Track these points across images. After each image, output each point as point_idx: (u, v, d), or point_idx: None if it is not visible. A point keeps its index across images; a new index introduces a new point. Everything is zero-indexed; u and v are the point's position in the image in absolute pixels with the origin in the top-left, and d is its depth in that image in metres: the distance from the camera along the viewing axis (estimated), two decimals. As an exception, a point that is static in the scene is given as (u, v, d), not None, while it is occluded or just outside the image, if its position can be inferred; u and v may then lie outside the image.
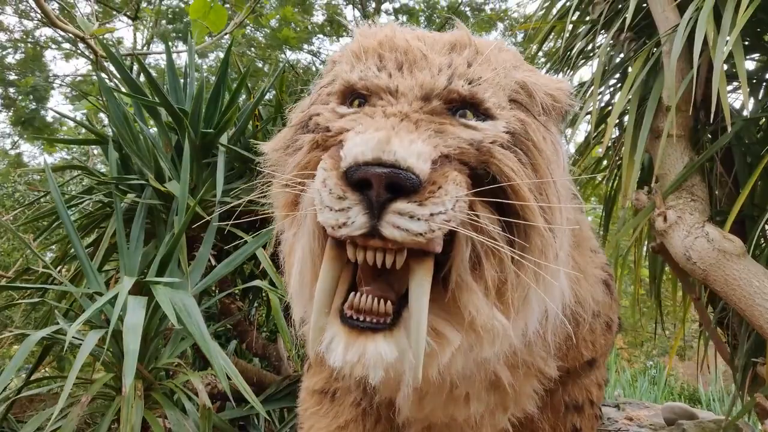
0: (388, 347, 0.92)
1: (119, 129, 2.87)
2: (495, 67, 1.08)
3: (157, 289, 2.11)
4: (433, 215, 0.87)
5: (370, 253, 0.91)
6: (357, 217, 0.87)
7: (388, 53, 1.06)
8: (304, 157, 1.03)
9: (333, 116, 1.04)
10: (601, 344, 1.49)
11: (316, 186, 0.91)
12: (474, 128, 0.99)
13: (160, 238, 2.76)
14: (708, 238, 2.02)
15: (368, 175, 0.85)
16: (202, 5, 3.84)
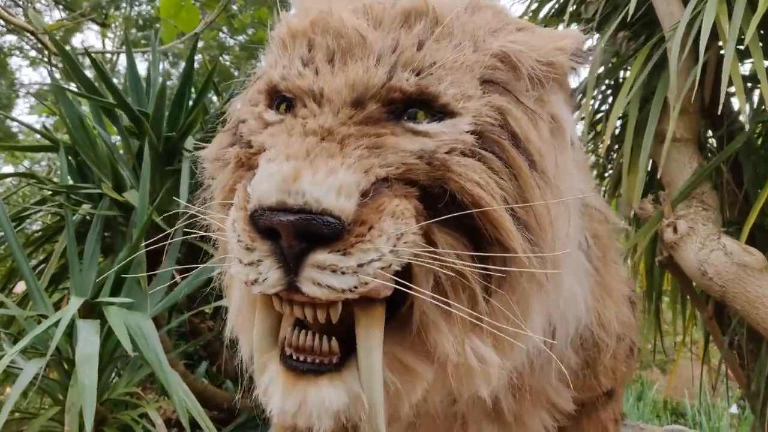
0: (335, 392, 0.75)
1: (74, 134, 2.61)
2: (459, 41, 0.83)
3: (110, 310, 1.87)
4: (362, 266, 0.69)
5: (298, 308, 0.75)
6: (269, 273, 0.70)
7: (320, 38, 0.82)
8: (230, 178, 0.85)
9: (258, 125, 0.85)
10: (622, 372, 1.28)
11: (227, 228, 0.75)
12: (425, 134, 0.77)
13: (119, 253, 2.51)
14: (725, 251, 1.83)
15: (274, 224, 0.68)
16: (172, 3, 3.62)
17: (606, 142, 2.37)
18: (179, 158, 2.65)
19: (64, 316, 1.78)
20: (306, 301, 0.73)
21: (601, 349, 1.13)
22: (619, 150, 2.61)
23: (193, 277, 2.30)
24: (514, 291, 0.81)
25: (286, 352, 0.78)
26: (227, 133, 0.96)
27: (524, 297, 0.82)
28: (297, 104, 0.81)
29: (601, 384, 1.23)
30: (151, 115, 2.53)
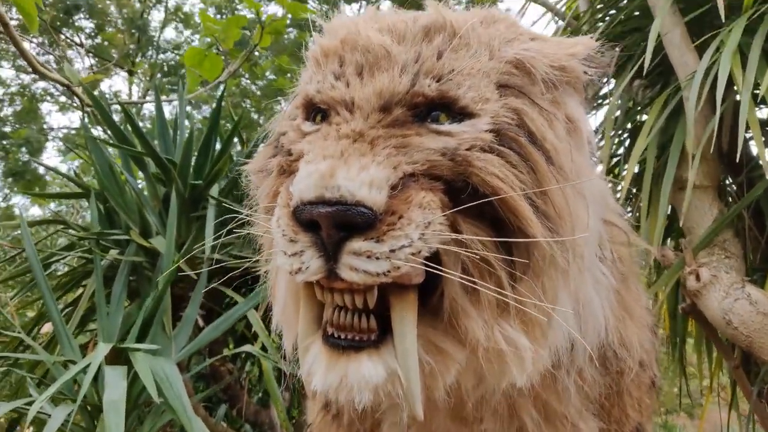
0: (374, 367, 0.81)
1: (104, 181, 2.69)
2: (475, 51, 0.90)
3: (137, 356, 1.89)
4: (394, 251, 0.76)
5: (338, 295, 0.82)
6: (311, 261, 0.78)
7: (349, 54, 0.91)
8: (273, 185, 0.93)
9: (297, 135, 0.94)
10: (646, 404, 1.28)
11: (273, 225, 0.83)
12: (447, 134, 0.84)
13: (145, 298, 2.55)
14: (750, 300, 1.83)
15: (314, 216, 0.75)
16: (196, 53, 3.74)
17: (625, 187, 2.39)
18: (204, 204, 2.71)
19: (93, 362, 1.81)
20: (345, 287, 0.79)
21: (624, 372, 1.14)
22: (637, 196, 2.63)
23: (218, 323, 2.33)
24: (538, 277, 0.85)
25: (328, 332, 0.83)
26: (269, 146, 1.04)
27: (550, 284, 0.86)
28: (331, 113, 0.88)
29: (629, 417, 1.22)
30: (179, 163, 2.60)
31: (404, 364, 0.80)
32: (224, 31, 3.27)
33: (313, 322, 0.87)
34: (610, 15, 3.10)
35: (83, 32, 9.11)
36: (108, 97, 10.32)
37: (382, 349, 0.82)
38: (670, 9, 2.37)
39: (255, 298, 2.40)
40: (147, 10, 9.06)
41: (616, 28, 2.89)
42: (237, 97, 7.17)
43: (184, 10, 9.83)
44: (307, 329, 0.87)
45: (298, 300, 0.90)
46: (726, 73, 1.91)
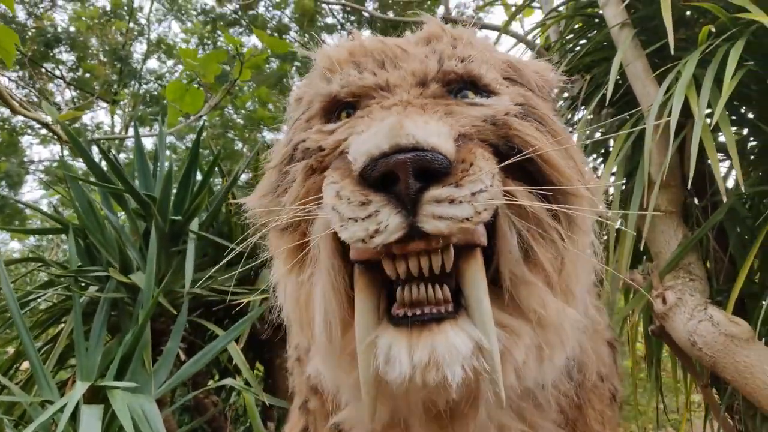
0: (460, 337, 0.76)
1: (83, 217, 2.72)
2: (477, 48, 0.99)
3: (114, 394, 1.90)
4: (474, 194, 0.74)
5: (413, 260, 0.77)
6: (390, 219, 0.73)
7: (364, 58, 0.97)
8: (301, 188, 0.89)
9: (322, 136, 0.92)
10: (608, 417, 1.29)
11: (329, 204, 0.78)
12: (481, 105, 0.89)
13: (126, 334, 2.56)
14: (713, 321, 1.88)
15: (390, 166, 0.72)
16: (177, 88, 3.79)
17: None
18: (184, 239, 2.74)
19: (69, 401, 1.82)
20: (422, 248, 0.75)
21: (584, 384, 1.16)
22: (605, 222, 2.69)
23: (198, 356, 2.34)
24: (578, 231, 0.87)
25: (398, 314, 0.79)
26: (275, 169, 1.01)
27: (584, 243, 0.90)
28: (363, 101, 0.91)
29: (593, 429, 1.23)
30: (158, 198, 2.64)
31: (484, 330, 0.76)
32: (203, 67, 3.33)
33: (374, 313, 0.81)
34: (579, 45, 3.21)
35: (64, 65, 9.14)
36: (90, 129, 10.33)
37: (460, 320, 0.78)
38: (631, 42, 2.47)
39: (235, 330, 2.42)
40: (129, 42, 9.13)
41: (584, 59, 3.00)
42: (219, 128, 7.22)
43: (168, 41, 9.92)
44: (369, 322, 0.80)
45: (343, 309, 0.85)
46: (680, 102, 1.99)
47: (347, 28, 7.16)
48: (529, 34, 3.53)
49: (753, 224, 2.36)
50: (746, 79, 2.39)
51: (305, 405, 1.39)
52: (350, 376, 0.86)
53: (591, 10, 3.03)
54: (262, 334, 3.13)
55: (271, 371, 3.32)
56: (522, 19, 4.66)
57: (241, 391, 3.24)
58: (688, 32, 2.62)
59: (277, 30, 7.90)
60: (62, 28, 8.11)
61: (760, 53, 2.25)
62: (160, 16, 9.58)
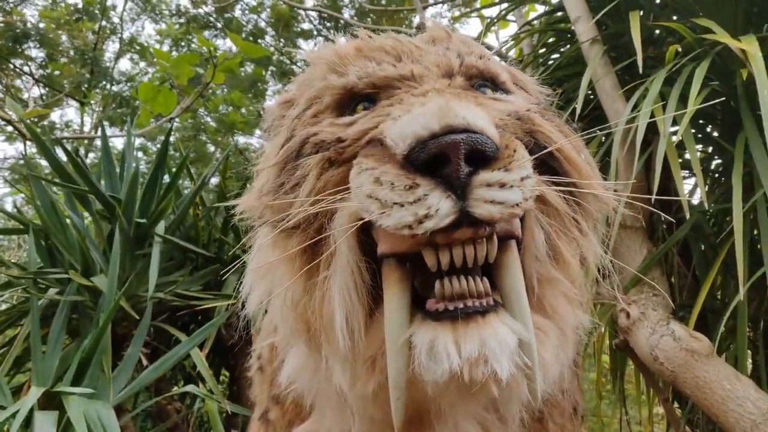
0: (506, 329, 0.73)
1: (45, 217, 2.65)
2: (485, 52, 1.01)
3: (70, 400, 1.85)
4: (523, 179, 0.72)
5: (458, 249, 0.73)
6: (440, 203, 0.69)
7: (376, 53, 0.92)
8: (317, 181, 0.83)
9: (339, 128, 0.86)
10: (569, 431, 1.30)
11: (365, 191, 0.73)
12: (504, 101, 0.90)
13: (85, 337, 2.50)
14: (674, 336, 1.91)
15: (443, 147, 0.69)
16: (150, 88, 3.74)
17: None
18: (150, 242, 2.69)
19: (23, 407, 1.77)
20: (470, 236, 0.72)
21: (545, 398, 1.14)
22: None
23: (160, 362, 2.30)
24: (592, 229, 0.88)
25: (439, 308, 0.75)
26: (276, 167, 0.93)
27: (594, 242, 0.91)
28: (383, 93, 0.87)
29: None
30: (124, 200, 2.59)
31: (524, 323, 0.75)
32: (175, 68, 3.28)
33: (405, 311, 0.77)
34: (552, 59, 3.25)
35: (33, 62, 8.95)
36: (59, 128, 10.11)
37: (501, 313, 0.75)
38: (601, 59, 2.51)
39: (198, 336, 2.38)
40: (101, 41, 8.98)
41: (556, 73, 3.03)
42: (190, 131, 7.14)
43: (140, 41, 9.79)
44: (403, 319, 0.76)
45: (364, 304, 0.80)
46: (647, 119, 2.03)
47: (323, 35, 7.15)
48: (503, 47, 3.57)
49: (716, 241, 2.41)
50: (711, 98, 2.45)
51: (265, 415, 1.37)
52: (366, 384, 0.82)
53: (563, 25, 3.07)
54: (228, 340, 3.09)
55: (236, 378, 3.28)
56: (497, 31, 4.73)
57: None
58: (656, 50, 2.67)
59: (252, 34, 7.85)
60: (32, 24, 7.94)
61: (724, 73, 2.30)
62: (133, 15, 9.45)
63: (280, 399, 1.29)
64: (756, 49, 1.90)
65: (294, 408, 1.24)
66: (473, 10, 4.39)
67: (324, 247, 0.81)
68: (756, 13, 2.37)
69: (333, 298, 0.81)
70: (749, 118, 2.07)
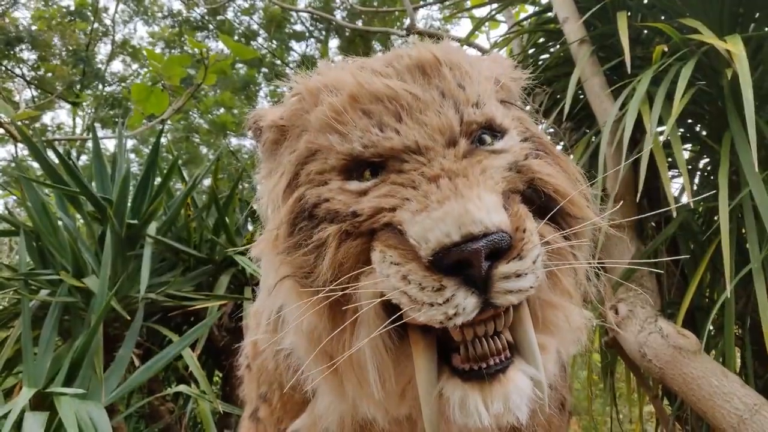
0: (523, 381, 0.84)
1: (36, 219, 2.65)
2: (476, 77, 0.98)
3: (62, 401, 1.86)
4: (534, 262, 0.81)
5: (480, 326, 0.83)
6: (466, 302, 0.78)
7: (372, 106, 0.92)
8: (336, 253, 0.87)
9: (349, 197, 0.89)
10: (556, 425, 1.35)
11: (394, 284, 0.80)
12: (502, 151, 0.92)
13: (77, 338, 2.50)
14: (662, 333, 1.93)
15: (466, 254, 0.76)
16: (142, 89, 3.74)
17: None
18: (141, 243, 2.69)
19: (14, 408, 1.77)
20: (490, 316, 0.82)
21: None
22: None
23: (151, 362, 2.30)
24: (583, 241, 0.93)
25: (465, 368, 0.84)
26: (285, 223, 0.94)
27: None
28: (391, 163, 0.88)
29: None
30: (115, 201, 2.59)
31: (536, 366, 0.85)
32: (167, 69, 3.29)
33: (435, 370, 0.86)
34: (541, 59, 3.27)
35: (25, 64, 8.92)
36: (51, 130, 10.08)
37: (518, 361, 0.85)
38: (590, 59, 2.53)
39: (190, 337, 2.39)
40: (93, 43, 8.96)
41: (546, 72, 3.05)
42: (182, 132, 7.13)
43: (133, 43, 9.77)
44: (432, 378, 0.85)
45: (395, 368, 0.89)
46: (633, 118, 2.04)
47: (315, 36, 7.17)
48: (493, 47, 3.59)
49: (703, 239, 2.43)
50: (699, 98, 2.47)
51: (255, 414, 1.38)
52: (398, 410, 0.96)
53: (552, 25, 3.09)
54: (220, 340, 3.10)
55: (229, 378, 3.28)
56: (488, 32, 4.75)
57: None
58: (644, 51, 2.69)
59: (245, 36, 7.85)
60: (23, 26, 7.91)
61: (711, 72, 2.32)
62: (125, 17, 9.43)
63: (268, 397, 1.31)
64: (740, 50, 1.92)
65: (282, 406, 1.26)
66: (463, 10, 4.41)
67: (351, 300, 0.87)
68: (742, 14, 2.39)
69: (364, 353, 0.88)
70: (735, 117, 2.09)
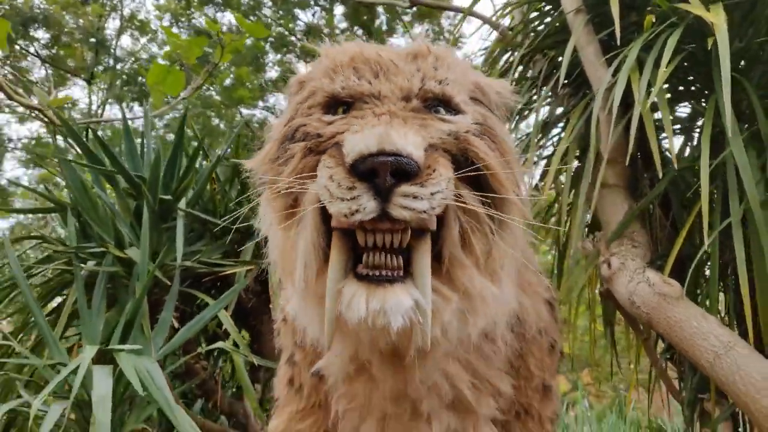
0: (405, 295, 0.98)
1: (77, 197, 2.89)
2: (455, 70, 1.21)
3: (121, 356, 2.12)
4: (433, 194, 0.96)
5: (380, 235, 0.99)
6: (368, 203, 0.94)
7: (362, 65, 1.17)
8: (299, 163, 1.09)
9: (321, 124, 1.11)
10: (547, 364, 1.56)
11: (322, 183, 0.99)
12: (449, 121, 1.11)
13: (122, 304, 2.77)
14: (649, 282, 2.15)
15: (375, 164, 0.94)
16: (160, 70, 3.92)
17: (548, 182, 2.71)
18: (173, 216, 2.94)
19: (82, 363, 2.03)
20: (388, 228, 0.98)
21: (525, 336, 1.44)
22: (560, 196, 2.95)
23: (192, 323, 2.56)
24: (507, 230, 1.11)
25: (362, 272, 1.01)
26: (276, 142, 1.21)
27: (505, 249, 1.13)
28: (357, 104, 1.13)
29: (533, 374, 1.51)
30: (148, 179, 2.82)
31: (423, 293, 0.99)
32: (186, 52, 3.48)
33: (343, 269, 1.02)
34: (545, 23, 3.41)
35: (38, 42, 9.10)
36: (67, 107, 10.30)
37: (407, 283, 1.00)
38: (585, 28, 2.68)
39: (225, 299, 2.64)
40: (103, 19, 9.10)
41: (545, 40, 3.21)
42: (198, 106, 7.33)
43: (140, 17, 9.89)
44: (339, 275, 1.02)
45: (320, 259, 1.05)
46: (624, 84, 2.22)
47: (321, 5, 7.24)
48: (494, 15, 3.72)
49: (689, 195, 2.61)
50: (688, 62, 2.62)
51: (291, 358, 1.62)
52: (316, 313, 1.10)
53: (553, -6, 3.22)
54: (248, 302, 3.36)
55: (255, 337, 3.54)
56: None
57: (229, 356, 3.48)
58: (639, 16, 2.83)
59: (251, 6, 7.95)
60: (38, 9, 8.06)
61: (700, 37, 2.47)
62: (133, -10, 9.53)
63: (302, 344, 1.55)
64: (722, 21, 2.07)
65: (313, 351, 1.50)
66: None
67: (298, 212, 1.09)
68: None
69: (298, 249, 1.08)
70: (719, 80, 2.25)
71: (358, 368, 1.30)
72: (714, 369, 1.93)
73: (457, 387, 1.32)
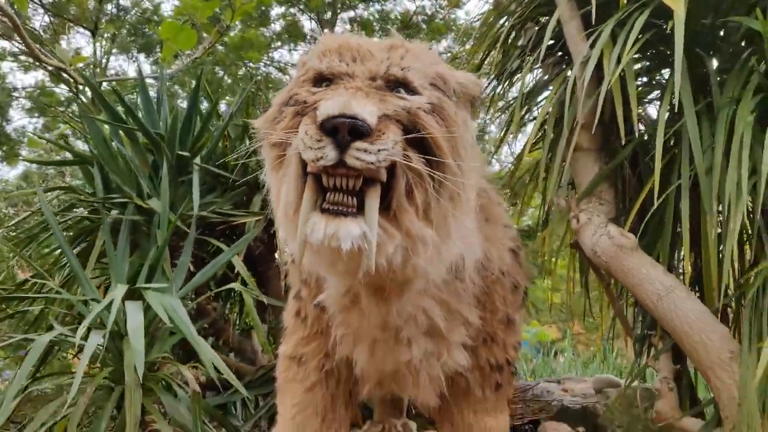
0: (355, 226, 1.25)
1: (100, 151, 3.18)
2: (420, 61, 1.51)
3: (149, 293, 2.44)
4: (380, 151, 1.23)
5: (339, 178, 1.26)
6: (329, 153, 1.22)
7: (345, 51, 1.48)
8: (289, 122, 1.37)
9: (308, 94, 1.40)
10: (510, 300, 1.90)
11: (300, 136, 1.26)
12: (405, 99, 1.39)
13: (143, 249, 3.09)
14: (609, 235, 2.46)
15: (336, 123, 1.21)
16: (172, 27, 4.13)
17: (529, 144, 2.99)
18: (189, 170, 3.23)
19: (114, 299, 2.35)
20: (344, 173, 1.24)
21: (489, 277, 1.77)
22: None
23: (209, 267, 2.88)
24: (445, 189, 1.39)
25: (325, 207, 1.27)
26: (277, 106, 1.49)
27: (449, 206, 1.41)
28: (335, 80, 1.44)
29: (498, 308, 1.85)
30: (167, 136, 3.10)
31: (370, 224, 1.25)
32: (199, 11, 3.69)
33: (313, 204, 1.28)
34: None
35: (42, -9, 9.16)
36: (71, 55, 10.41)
37: (359, 218, 1.25)
38: (568, 4, 2.91)
39: (238, 246, 2.96)
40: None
41: (536, 10, 3.42)
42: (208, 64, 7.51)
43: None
44: (309, 207, 1.28)
45: (298, 197, 1.31)
46: (596, 58, 2.48)
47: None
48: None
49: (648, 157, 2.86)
50: (659, 38, 2.86)
51: (298, 294, 1.95)
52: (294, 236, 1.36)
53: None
54: (256, 249, 3.68)
55: (263, 282, 3.86)
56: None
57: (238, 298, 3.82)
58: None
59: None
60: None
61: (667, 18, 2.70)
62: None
63: (307, 282, 1.88)
64: (680, 8, 2.30)
65: (316, 286, 1.83)
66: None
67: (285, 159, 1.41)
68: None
69: (283, 188, 1.39)
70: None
71: (352, 301, 1.63)
72: (657, 309, 2.27)
73: (431, 318, 1.68)
